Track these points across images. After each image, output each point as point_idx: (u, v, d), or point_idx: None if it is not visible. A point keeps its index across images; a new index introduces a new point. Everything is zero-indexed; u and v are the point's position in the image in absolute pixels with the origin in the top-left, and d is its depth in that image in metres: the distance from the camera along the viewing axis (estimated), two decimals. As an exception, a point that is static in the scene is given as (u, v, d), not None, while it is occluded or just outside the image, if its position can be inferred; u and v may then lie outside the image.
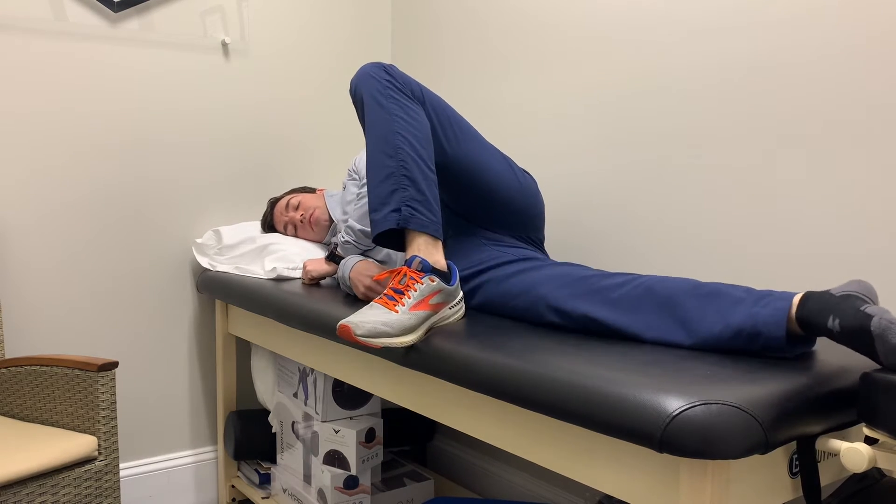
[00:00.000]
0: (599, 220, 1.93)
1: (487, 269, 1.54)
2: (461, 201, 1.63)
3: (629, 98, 1.84)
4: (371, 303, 1.27)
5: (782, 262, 1.55)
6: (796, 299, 1.12)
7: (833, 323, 1.05)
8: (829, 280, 1.48)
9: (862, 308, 1.03)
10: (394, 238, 1.45)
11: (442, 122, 1.56)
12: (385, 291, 1.30)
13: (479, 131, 2.30)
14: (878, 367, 1.09)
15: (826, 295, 1.09)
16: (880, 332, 0.99)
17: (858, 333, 1.02)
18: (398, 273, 1.31)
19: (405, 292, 1.27)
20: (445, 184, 1.60)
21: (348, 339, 1.20)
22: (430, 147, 1.47)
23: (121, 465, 2.26)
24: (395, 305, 1.25)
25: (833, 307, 1.06)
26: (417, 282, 1.28)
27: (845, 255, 1.45)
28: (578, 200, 1.99)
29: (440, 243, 1.41)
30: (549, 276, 1.40)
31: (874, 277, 1.41)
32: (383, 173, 1.42)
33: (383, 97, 1.47)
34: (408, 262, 1.32)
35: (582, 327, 1.32)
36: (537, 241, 1.71)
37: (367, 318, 1.22)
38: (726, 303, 1.17)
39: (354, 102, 1.55)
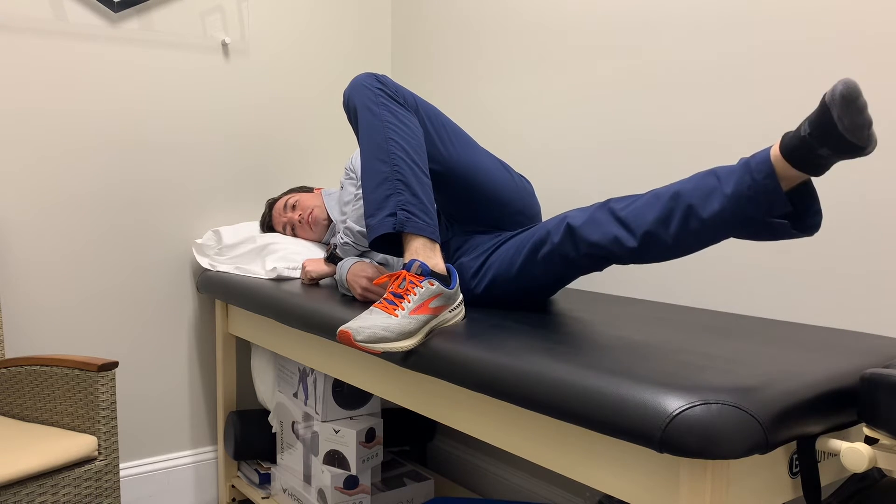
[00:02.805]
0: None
1: (494, 248, 1.54)
2: (460, 206, 1.62)
3: (629, 98, 1.84)
4: (371, 307, 1.27)
5: (782, 263, 1.55)
6: (778, 141, 1.13)
7: (805, 128, 1.05)
8: (832, 281, 1.48)
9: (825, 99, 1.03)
10: (391, 243, 1.44)
11: (436, 129, 1.56)
12: (385, 296, 1.29)
13: (477, 134, 2.31)
14: (877, 367, 1.08)
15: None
16: (830, 96, 1.00)
17: (822, 117, 1.02)
18: (397, 277, 1.30)
19: (405, 296, 1.27)
20: (443, 189, 1.60)
21: (348, 345, 1.20)
22: (424, 152, 1.47)
23: (121, 465, 2.26)
24: (394, 310, 1.25)
25: (805, 120, 1.07)
26: (417, 285, 1.28)
27: (847, 255, 1.45)
28: (577, 201, 1.99)
29: (438, 246, 1.40)
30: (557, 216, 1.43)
31: (880, 277, 1.41)
32: (378, 179, 1.42)
33: (375, 105, 1.48)
34: (406, 266, 1.32)
35: (594, 250, 1.33)
36: None
37: (367, 324, 1.21)
38: (722, 180, 1.17)
39: (347, 113, 1.56)
